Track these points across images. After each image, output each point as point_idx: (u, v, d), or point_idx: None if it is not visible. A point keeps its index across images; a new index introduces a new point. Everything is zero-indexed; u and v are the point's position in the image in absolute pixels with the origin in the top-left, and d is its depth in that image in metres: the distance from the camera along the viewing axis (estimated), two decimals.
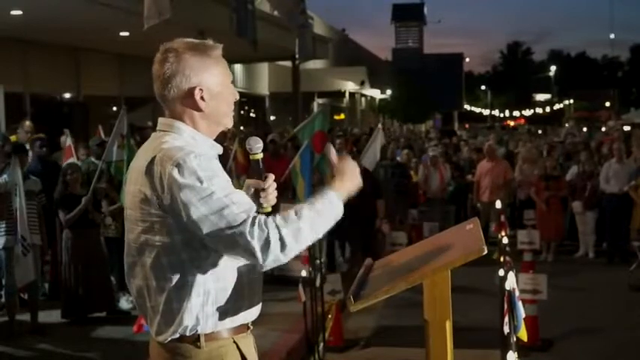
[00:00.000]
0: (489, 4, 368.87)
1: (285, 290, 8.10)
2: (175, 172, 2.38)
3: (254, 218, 2.39)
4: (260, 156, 2.70)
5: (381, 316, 8.32)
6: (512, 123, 79.27)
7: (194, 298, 2.47)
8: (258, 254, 2.36)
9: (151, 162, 2.45)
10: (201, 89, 2.55)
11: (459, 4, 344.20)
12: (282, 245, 2.37)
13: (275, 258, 2.38)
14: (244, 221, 2.37)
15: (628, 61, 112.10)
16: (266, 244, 2.36)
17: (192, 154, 2.41)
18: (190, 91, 2.54)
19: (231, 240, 2.37)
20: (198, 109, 2.57)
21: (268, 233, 2.36)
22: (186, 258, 2.47)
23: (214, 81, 2.58)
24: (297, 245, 2.41)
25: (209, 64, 2.58)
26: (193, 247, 2.46)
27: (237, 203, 2.41)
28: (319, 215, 2.47)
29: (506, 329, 3.88)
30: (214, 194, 2.38)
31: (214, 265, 2.49)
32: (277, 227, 2.38)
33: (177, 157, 2.41)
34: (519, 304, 3.82)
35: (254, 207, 2.48)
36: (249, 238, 2.35)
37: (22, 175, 7.70)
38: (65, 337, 7.47)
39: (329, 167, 2.59)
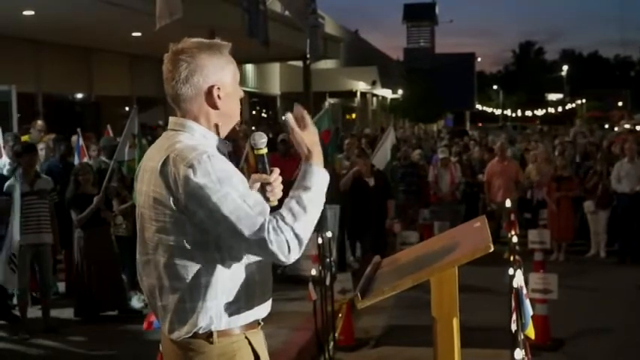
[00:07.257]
0: (501, 4, 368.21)
1: (295, 289, 8.10)
2: (190, 173, 2.40)
3: (269, 222, 2.41)
4: (264, 151, 2.72)
5: (391, 316, 8.31)
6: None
7: (209, 299, 2.49)
8: (282, 257, 2.41)
9: (165, 163, 2.46)
10: (218, 87, 2.58)
11: (471, 3, 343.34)
12: (299, 242, 2.43)
13: (295, 255, 2.43)
14: (261, 227, 2.40)
15: None
16: (286, 247, 2.40)
17: (205, 155, 2.43)
18: (209, 90, 2.58)
19: (250, 244, 2.42)
20: (216, 107, 2.60)
21: (285, 236, 2.41)
22: (200, 259, 2.48)
23: (228, 79, 2.63)
24: (309, 233, 2.47)
25: (223, 63, 2.62)
26: (207, 248, 2.48)
27: (253, 205, 2.43)
28: (316, 194, 2.52)
29: (513, 327, 3.88)
30: (229, 195, 2.40)
31: (228, 265, 2.50)
32: (290, 227, 2.42)
33: (190, 157, 2.43)
34: (527, 301, 3.82)
35: (267, 207, 2.50)
36: (268, 245, 2.39)
37: (33, 174, 7.71)
38: (76, 335, 7.52)
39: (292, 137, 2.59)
